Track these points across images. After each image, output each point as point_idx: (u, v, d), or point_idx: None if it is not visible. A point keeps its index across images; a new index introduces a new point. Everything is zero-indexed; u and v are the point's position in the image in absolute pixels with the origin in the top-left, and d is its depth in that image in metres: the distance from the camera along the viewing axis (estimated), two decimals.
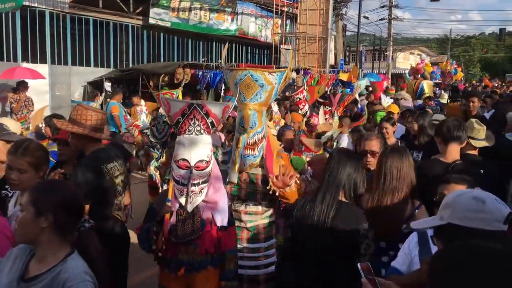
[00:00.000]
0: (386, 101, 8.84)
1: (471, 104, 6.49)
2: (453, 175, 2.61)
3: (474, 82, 32.85)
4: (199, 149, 2.66)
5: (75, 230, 2.05)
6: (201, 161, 2.65)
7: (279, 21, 20.51)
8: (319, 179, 5.54)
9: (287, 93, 11.48)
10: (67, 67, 12.82)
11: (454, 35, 60.13)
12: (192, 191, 2.66)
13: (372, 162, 3.65)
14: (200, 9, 16.61)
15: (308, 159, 4.67)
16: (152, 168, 5.29)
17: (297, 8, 20.97)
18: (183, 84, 11.16)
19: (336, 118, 7.41)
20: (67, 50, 12.92)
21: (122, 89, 11.86)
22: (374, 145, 3.71)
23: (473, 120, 4.05)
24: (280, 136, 5.13)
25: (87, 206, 3.05)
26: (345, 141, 5.98)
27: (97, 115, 3.49)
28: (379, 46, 38.92)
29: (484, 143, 3.89)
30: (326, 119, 7.82)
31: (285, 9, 20.29)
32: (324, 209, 2.65)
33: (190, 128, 2.67)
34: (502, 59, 59.01)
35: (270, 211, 3.58)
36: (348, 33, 35.34)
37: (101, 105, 11.16)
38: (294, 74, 15.86)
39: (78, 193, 2.15)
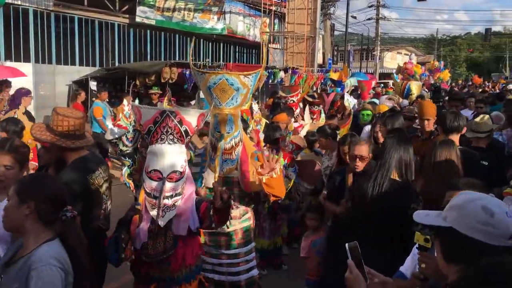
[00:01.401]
0: (350, 101, 8.62)
1: (455, 108, 6.38)
2: (461, 180, 2.56)
3: (460, 81, 33.15)
4: (172, 159, 2.51)
5: (57, 218, 2.11)
6: (175, 172, 2.50)
7: (267, 20, 20.45)
8: (307, 180, 5.54)
9: (281, 93, 11.35)
10: (51, 66, 12.58)
11: (441, 35, 60.70)
12: (164, 204, 2.49)
13: (360, 166, 3.76)
14: (184, 8, 16.47)
15: (299, 158, 4.67)
16: (125, 176, 5.08)
17: (285, 7, 20.92)
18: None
19: (322, 116, 7.38)
20: (51, 48, 12.68)
21: (108, 88, 11.69)
22: (363, 150, 3.77)
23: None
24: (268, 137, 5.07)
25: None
26: None
27: (70, 121, 3.15)
28: (367, 45, 39.09)
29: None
30: (313, 118, 7.79)
31: (273, 8, 20.22)
32: (376, 187, 3.08)
33: (163, 137, 2.52)
34: (487, 59, 59.73)
35: (248, 215, 3.53)
36: (336, 33, 35.46)
37: (83, 103, 10.96)
38: (282, 74, 15.83)
39: (62, 187, 2.27)
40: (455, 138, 3.98)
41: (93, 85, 12.01)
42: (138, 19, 14.96)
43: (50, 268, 1.92)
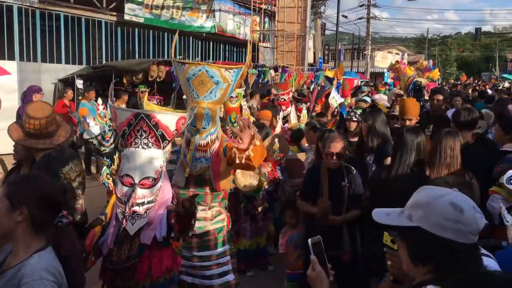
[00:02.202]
0: (335, 99, 8.47)
1: (435, 101, 6.25)
2: (443, 179, 2.48)
3: (452, 80, 33.33)
4: (145, 164, 2.36)
5: (52, 225, 1.96)
6: (147, 178, 2.35)
7: (258, 19, 20.34)
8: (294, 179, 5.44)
9: (273, 91, 11.23)
10: (36, 64, 12.37)
11: (431, 35, 61.01)
12: (134, 212, 2.34)
13: (336, 163, 3.76)
14: (173, 6, 16.32)
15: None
16: (103, 176, 4.89)
17: (275, 6, 20.83)
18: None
19: (304, 112, 7.28)
20: (36, 46, 12.46)
21: (95, 86, 11.50)
22: (339, 147, 3.72)
23: None
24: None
25: None
26: None
27: (36, 121, 3.06)
28: (358, 45, 39.15)
29: None
30: (299, 116, 7.70)
31: (263, 6, 20.12)
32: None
33: (137, 141, 2.37)
34: (477, 58, 60.17)
35: (221, 216, 3.38)
36: (327, 32, 35.45)
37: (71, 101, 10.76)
38: (272, 72, 15.73)
39: (56, 189, 2.06)
40: (467, 134, 4.01)
41: (79, 83, 11.84)
42: (126, 17, 14.78)
43: (43, 282, 1.76)
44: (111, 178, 4.70)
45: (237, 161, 2.84)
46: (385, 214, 1.55)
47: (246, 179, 4.45)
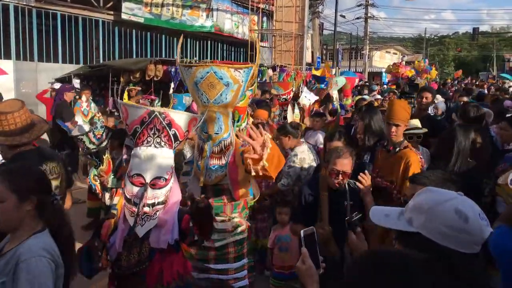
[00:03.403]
0: (308, 98, 8.27)
1: (424, 100, 5.82)
2: (426, 174, 2.42)
3: (449, 80, 33.33)
4: (157, 164, 2.29)
5: (50, 206, 2.04)
6: (159, 178, 2.29)
7: (256, 18, 20.28)
8: None
9: (273, 91, 11.15)
10: (33, 63, 12.32)
11: (429, 35, 61.05)
12: (144, 213, 2.27)
13: (341, 184, 3.08)
14: (173, 4, 16.22)
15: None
16: (91, 177, 4.74)
17: (273, 5, 20.77)
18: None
19: (296, 111, 7.23)
20: (33, 45, 12.41)
21: (92, 86, 11.43)
22: (347, 165, 3.07)
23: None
24: None
25: None
26: (320, 139, 5.75)
27: (9, 118, 2.98)
28: (356, 45, 39.12)
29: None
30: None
31: (261, 6, 20.06)
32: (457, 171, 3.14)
33: (149, 139, 2.30)
34: (475, 58, 60.20)
35: (242, 227, 3.18)
36: (325, 32, 35.41)
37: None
38: (270, 72, 15.67)
39: (44, 172, 2.27)
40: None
41: (76, 82, 11.74)
42: (124, 16, 14.70)
43: (40, 259, 1.83)
44: (98, 180, 4.55)
45: (253, 174, 2.67)
46: (384, 215, 1.47)
47: None
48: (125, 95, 4.78)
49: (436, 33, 68.56)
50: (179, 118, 2.35)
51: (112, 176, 3.56)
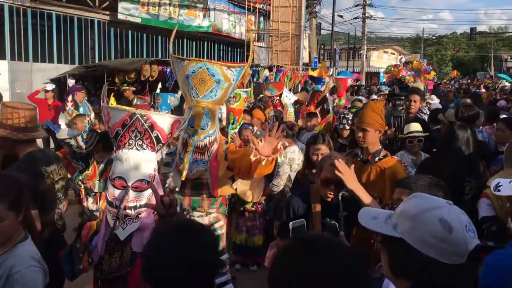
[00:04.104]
0: (288, 97, 8.18)
1: (412, 103, 5.63)
2: (414, 178, 2.40)
3: (446, 80, 33.39)
4: (139, 167, 2.28)
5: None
6: (141, 181, 2.28)
7: (253, 18, 20.27)
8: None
9: (267, 92, 11.08)
10: (28, 64, 12.27)
11: (427, 35, 61.10)
12: (126, 215, 2.25)
13: (334, 195, 2.76)
14: (170, 4, 16.18)
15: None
16: (75, 182, 4.65)
17: (270, 5, 20.76)
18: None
19: (291, 110, 7.24)
20: (28, 46, 12.36)
21: (87, 86, 11.40)
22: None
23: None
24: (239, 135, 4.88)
25: (34, 212, 2.77)
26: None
27: (20, 113, 3.01)
28: (354, 44, 39.14)
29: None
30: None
31: (258, 6, 20.05)
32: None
33: (131, 142, 2.29)
34: (473, 58, 60.33)
35: (219, 223, 3.20)
36: (323, 32, 35.42)
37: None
38: (267, 72, 15.65)
39: (21, 176, 2.22)
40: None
41: (71, 83, 11.70)
42: (121, 17, 14.65)
43: (33, 269, 1.89)
44: (83, 185, 4.51)
45: (253, 159, 2.60)
46: (371, 218, 1.46)
47: (241, 186, 4.39)
48: (111, 99, 4.71)
49: (434, 33, 68.63)
50: (162, 120, 2.33)
51: (98, 181, 3.54)
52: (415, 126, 4.63)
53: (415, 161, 4.42)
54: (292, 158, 4.76)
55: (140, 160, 2.29)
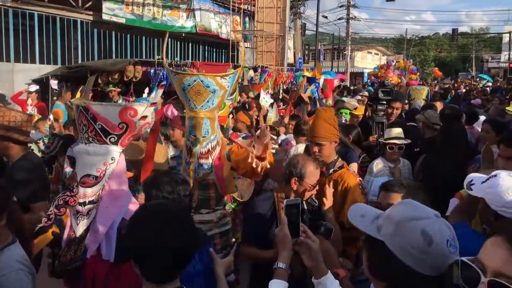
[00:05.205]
0: (266, 100, 8.13)
1: (394, 111, 5.53)
2: (398, 183, 2.44)
3: (429, 80, 33.80)
4: (85, 161, 2.22)
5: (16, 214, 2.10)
6: (88, 176, 2.21)
7: (238, 18, 20.27)
8: (275, 178, 5.35)
9: (251, 94, 11.01)
10: (9, 64, 12.10)
11: (410, 35, 61.81)
12: (77, 211, 2.22)
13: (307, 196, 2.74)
14: (153, 5, 16.11)
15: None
16: None
17: (254, 6, 20.79)
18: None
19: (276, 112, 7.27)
20: (9, 46, 12.18)
21: (70, 87, 11.28)
22: (316, 175, 2.78)
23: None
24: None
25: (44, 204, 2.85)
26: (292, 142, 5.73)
27: (17, 115, 3.09)
28: (338, 45, 39.40)
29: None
30: (282, 116, 7.69)
31: (243, 6, 20.06)
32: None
33: (81, 136, 2.25)
34: (455, 58, 61.21)
35: (226, 219, 3.33)
36: (308, 32, 35.58)
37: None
38: (251, 72, 15.67)
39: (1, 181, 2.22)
40: None
41: (54, 83, 11.58)
42: (105, 17, 14.51)
43: (19, 273, 1.89)
44: None
45: (254, 165, 2.87)
46: (360, 215, 1.48)
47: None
48: (77, 95, 4.63)
49: (417, 34, 69.46)
50: (105, 110, 2.22)
51: (61, 185, 3.56)
52: (397, 132, 4.45)
53: (393, 170, 4.26)
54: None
55: (86, 154, 2.23)
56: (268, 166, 2.84)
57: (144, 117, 2.29)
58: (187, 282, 1.72)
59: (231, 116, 6.76)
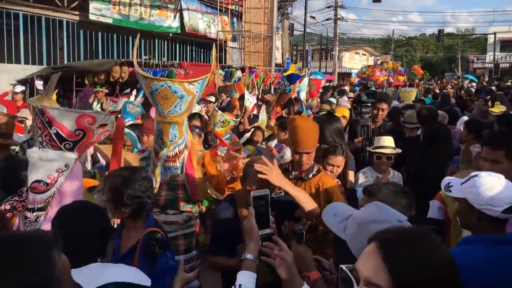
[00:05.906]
0: (250, 100, 8.13)
1: (380, 112, 5.40)
2: (379, 186, 2.44)
3: (416, 81, 34.13)
4: (37, 166, 2.13)
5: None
6: (38, 181, 2.12)
7: (227, 19, 20.25)
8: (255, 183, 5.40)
9: (236, 95, 10.97)
10: None
11: (397, 36, 62.31)
12: (25, 217, 2.15)
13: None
14: (141, 5, 16.03)
15: (223, 154, 4.30)
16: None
17: (242, 6, 20.79)
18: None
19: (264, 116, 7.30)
20: None
21: (56, 87, 11.18)
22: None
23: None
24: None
25: None
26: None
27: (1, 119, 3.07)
28: (326, 45, 39.56)
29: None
30: (269, 117, 7.72)
31: (230, 6, 20.06)
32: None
33: (36, 139, 2.15)
34: (441, 59, 61.79)
35: (192, 222, 3.36)
36: (296, 33, 35.68)
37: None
38: (239, 73, 15.69)
39: None
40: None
41: (39, 84, 11.49)
42: (92, 17, 14.37)
43: None
44: None
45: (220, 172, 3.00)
46: (333, 214, 1.51)
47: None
48: (53, 96, 4.55)
49: (404, 35, 70.04)
50: (61, 115, 2.12)
51: None
52: (387, 141, 4.08)
53: (380, 181, 3.89)
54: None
55: (39, 159, 2.14)
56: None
57: (104, 125, 2.19)
58: (160, 276, 1.76)
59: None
